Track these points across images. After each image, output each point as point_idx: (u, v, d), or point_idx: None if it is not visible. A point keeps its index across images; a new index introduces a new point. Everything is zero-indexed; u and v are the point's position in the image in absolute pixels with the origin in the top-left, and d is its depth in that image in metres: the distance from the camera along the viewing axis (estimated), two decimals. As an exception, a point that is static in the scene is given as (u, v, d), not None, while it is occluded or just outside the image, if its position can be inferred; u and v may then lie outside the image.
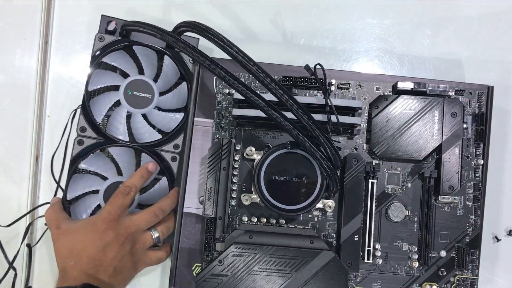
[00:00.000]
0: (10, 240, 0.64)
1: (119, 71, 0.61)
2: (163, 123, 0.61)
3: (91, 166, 0.60)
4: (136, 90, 0.60)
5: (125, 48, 0.61)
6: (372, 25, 0.66)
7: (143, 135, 0.61)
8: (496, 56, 0.65)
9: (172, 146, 0.61)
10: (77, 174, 0.60)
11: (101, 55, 0.60)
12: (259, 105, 0.50)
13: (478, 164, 0.59)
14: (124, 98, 0.59)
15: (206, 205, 0.57)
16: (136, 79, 0.60)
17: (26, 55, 0.66)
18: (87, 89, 0.60)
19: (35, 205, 0.64)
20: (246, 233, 0.56)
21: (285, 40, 0.66)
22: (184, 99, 0.61)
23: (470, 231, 0.58)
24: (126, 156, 0.61)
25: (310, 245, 0.56)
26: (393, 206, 0.59)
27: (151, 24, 0.55)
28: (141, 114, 0.60)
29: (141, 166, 0.60)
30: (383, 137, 0.58)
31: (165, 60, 0.61)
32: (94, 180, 0.60)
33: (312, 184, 0.55)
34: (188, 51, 0.51)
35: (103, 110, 0.60)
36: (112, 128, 0.60)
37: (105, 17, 0.62)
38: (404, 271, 0.58)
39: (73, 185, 0.60)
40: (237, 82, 0.50)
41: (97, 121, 0.60)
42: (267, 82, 0.49)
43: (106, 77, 0.61)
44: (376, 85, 0.60)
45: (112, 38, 0.61)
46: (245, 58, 0.49)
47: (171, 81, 0.62)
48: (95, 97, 0.61)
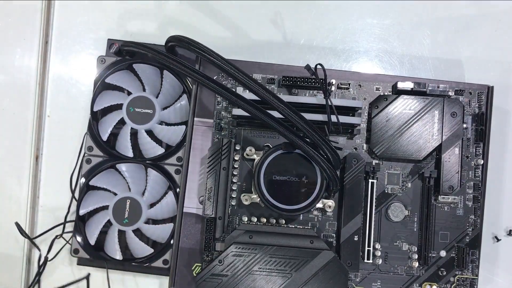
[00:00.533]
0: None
1: (123, 90, 0.63)
2: (168, 137, 0.62)
3: (100, 182, 0.62)
4: (137, 106, 0.61)
5: (128, 67, 0.63)
6: (372, 25, 0.66)
7: (148, 150, 0.62)
8: (496, 56, 0.65)
9: (175, 159, 0.62)
10: (88, 191, 0.62)
11: (103, 77, 0.62)
12: (259, 116, 0.50)
13: (478, 164, 0.59)
14: (127, 116, 0.61)
15: (206, 205, 0.57)
16: (137, 96, 0.61)
17: (26, 55, 0.66)
18: (92, 110, 0.62)
19: (35, 205, 0.65)
20: (246, 233, 0.56)
21: (285, 40, 0.66)
22: (185, 112, 0.62)
23: (470, 231, 0.58)
24: (134, 172, 0.62)
25: (310, 245, 0.56)
26: (393, 206, 0.59)
27: (142, 43, 0.56)
28: (145, 129, 0.62)
29: (147, 181, 0.62)
30: (383, 137, 0.58)
31: (165, 75, 0.62)
32: (104, 196, 0.62)
33: (312, 184, 0.55)
34: (177, 66, 0.52)
35: (108, 128, 0.62)
36: (119, 145, 0.62)
37: (110, 40, 0.64)
38: (404, 271, 0.58)
39: (85, 202, 0.62)
40: (226, 91, 0.51)
41: (103, 140, 0.62)
42: (262, 93, 0.50)
43: (109, 97, 0.62)
44: (376, 85, 0.60)
45: (112, 59, 0.63)
46: (234, 70, 0.50)
47: (173, 96, 0.63)
48: (102, 118, 0.63)
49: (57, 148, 0.66)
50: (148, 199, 0.61)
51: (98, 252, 0.61)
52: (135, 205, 0.60)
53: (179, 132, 0.62)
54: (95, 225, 0.61)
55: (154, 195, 0.62)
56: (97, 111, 0.63)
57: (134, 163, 0.62)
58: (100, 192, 0.62)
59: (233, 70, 0.50)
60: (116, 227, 0.60)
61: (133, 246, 0.61)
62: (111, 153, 0.62)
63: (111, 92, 0.63)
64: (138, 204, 0.60)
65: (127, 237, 0.61)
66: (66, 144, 0.65)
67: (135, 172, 0.63)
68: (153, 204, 0.62)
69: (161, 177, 0.61)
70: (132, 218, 0.60)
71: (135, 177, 0.62)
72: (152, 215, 0.61)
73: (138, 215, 0.60)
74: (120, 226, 0.60)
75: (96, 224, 0.61)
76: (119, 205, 0.60)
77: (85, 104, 0.65)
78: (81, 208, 0.61)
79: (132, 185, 0.62)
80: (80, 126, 0.65)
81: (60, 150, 0.65)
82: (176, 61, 0.52)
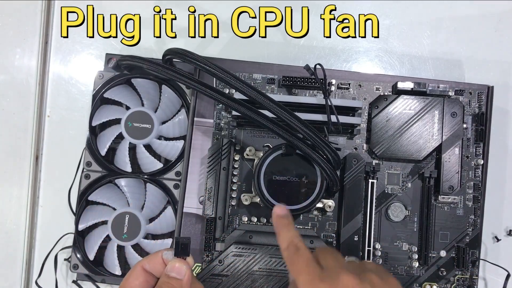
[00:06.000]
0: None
1: (121, 104, 0.63)
2: (166, 151, 0.62)
3: (99, 197, 0.62)
4: (136, 121, 0.61)
5: (126, 82, 0.63)
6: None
7: (147, 165, 0.62)
8: (496, 56, 0.65)
9: (173, 173, 0.62)
10: (87, 206, 0.62)
11: (102, 92, 0.62)
12: (261, 121, 0.50)
13: (478, 164, 0.59)
14: (125, 130, 0.61)
15: (206, 205, 0.57)
16: (135, 111, 0.61)
17: (26, 55, 0.66)
18: (90, 125, 0.62)
19: (35, 205, 0.65)
20: (246, 233, 0.56)
21: (285, 40, 0.66)
22: (184, 126, 0.62)
23: (470, 231, 0.58)
24: (133, 187, 0.62)
25: (310, 245, 0.56)
26: (393, 206, 0.59)
27: (138, 56, 0.55)
28: (143, 144, 0.61)
29: (146, 196, 0.61)
30: (383, 137, 0.58)
31: (163, 90, 0.62)
32: (103, 211, 0.62)
33: (312, 184, 0.55)
34: (173, 75, 0.52)
35: (107, 143, 0.62)
36: (118, 160, 0.62)
37: (108, 55, 0.63)
38: (404, 271, 0.58)
39: (84, 216, 0.62)
40: (226, 98, 0.51)
41: (102, 155, 0.62)
42: (262, 100, 0.50)
43: (108, 111, 0.62)
44: (376, 85, 0.60)
45: (110, 74, 0.62)
46: (231, 78, 0.50)
47: (172, 110, 0.63)
48: (101, 132, 0.63)
49: (57, 148, 0.66)
50: (147, 214, 0.61)
51: (97, 267, 0.61)
52: (134, 220, 0.60)
53: (178, 146, 0.62)
54: (94, 240, 0.61)
55: (153, 210, 0.62)
56: (95, 126, 0.62)
57: (133, 178, 0.62)
58: (99, 207, 0.62)
59: (230, 79, 0.50)
60: (115, 242, 0.60)
61: (133, 262, 0.61)
62: (110, 168, 0.62)
63: (110, 106, 0.63)
64: (137, 219, 0.60)
65: (126, 252, 0.61)
66: (66, 144, 0.65)
67: (134, 187, 0.62)
68: (152, 219, 0.62)
69: (160, 192, 0.61)
70: (131, 233, 0.60)
71: (134, 192, 0.62)
72: (151, 230, 0.61)
73: (137, 230, 0.60)
74: (119, 242, 0.60)
75: (95, 239, 0.61)
76: (118, 220, 0.60)
77: (85, 104, 0.65)
78: (80, 223, 0.61)
79: (131, 200, 0.62)
80: (80, 126, 0.65)
81: (60, 150, 0.65)
82: (171, 70, 0.52)
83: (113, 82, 0.62)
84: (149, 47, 0.66)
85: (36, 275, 0.63)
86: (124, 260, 0.61)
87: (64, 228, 0.63)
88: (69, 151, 0.64)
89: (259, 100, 0.50)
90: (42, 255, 0.64)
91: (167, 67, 0.52)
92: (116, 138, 0.62)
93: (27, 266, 0.65)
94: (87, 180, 0.62)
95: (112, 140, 0.62)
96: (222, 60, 0.61)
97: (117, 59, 0.60)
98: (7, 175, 0.65)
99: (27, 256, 0.64)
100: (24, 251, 0.64)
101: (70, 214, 0.64)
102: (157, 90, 0.63)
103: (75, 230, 0.61)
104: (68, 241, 0.63)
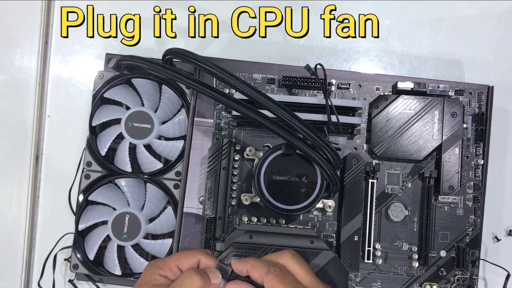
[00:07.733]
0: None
1: (121, 104, 0.63)
2: (166, 151, 0.62)
3: (99, 197, 0.62)
4: (136, 121, 0.61)
5: (126, 82, 0.63)
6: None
7: (147, 164, 0.62)
8: (496, 56, 0.65)
9: (173, 173, 0.62)
10: (87, 206, 0.62)
11: (102, 92, 0.62)
12: (261, 121, 0.50)
13: (478, 164, 0.59)
14: (126, 130, 0.61)
15: (206, 205, 0.57)
16: (135, 111, 0.61)
17: (26, 55, 0.66)
18: (90, 125, 0.62)
19: (35, 205, 0.65)
20: (246, 233, 0.56)
21: (285, 40, 0.66)
22: (184, 126, 0.62)
23: (470, 231, 0.58)
24: (133, 187, 0.62)
25: (310, 245, 0.56)
26: (393, 206, 0.59)
27: (138, 56, 0.55)
28: (143, 144, 0.61)
29: (146, 196, 0.61)
30: (383, 137, 0.58)
31: (163, 89, 0.62)
32: (103, 211, 0.62)
33: (312, 184, 0.55)
34: (172, 75, 0.52)
35: (107, 143, 0.62)
36: (118, 160, 0.62)
37: (108, 55, 0.63)
38: (404, 271, 0.58)
39: (84, 216, 0.62)
40: (226, 98, 0.51)
41: (102, 155, 0.62)
42: (262, 100, 0.50)
43: (108, 111, 0.62)
44: (376, 85, 0.60)
45: (111, 74, 0.62)
46: (232, 78, 0.50)
47: (172, 110, 0.63)
48: (101, 132, 0.63)
49: (57, 148, 0.66)
50: (147, 214, 0.61)
51: (97, 267, 0.61)
52: (134, 220, 0.60)
53: (178, 146, 0.62)
54: (94, 240, 0.61)
55: (153, 210, 0.62)
56: (95, 126, 0.62)
57: (133, 178, 0.62)
58: (99, 207, 0.62)
59: (230, 79, 0.50)
60: (115, 242, 0.60)
61: (133, 262, 0.61)
62: (110, 168, 0.62)
63: (110, 106, 0.63)
64: (137, 219, 0.60)
65: (126, 252, 0.61)
66: (66, 144, 0.65)
67: (135, 187, 0.62)
68: (152, 219, 0.62)
69: (160, 192, 0.61)
70: (131, 233, 0.60)
71: (134, 192, 0.62)
72: (151, 230, 0.61)
73: (137, 230, 0.60)
74: (119, 242, 0.60)
75: (95, 239, 0.61)
76: (118, 220, 0.60)
77: (85, 104, 0.65)
78: (80, 223, 0.61)
79: (132, 200, 0.62)
80: (80, 126, 0.65)
81: (60, 150, 0.65)
82: (171, 70, 0.52)
83: (113, 82, 0.62)
84: (149, 47, 0.66)
85: (36, 275, 0.63)
86: (124, 260, 0.61)
87: (64, 228, 0.63)
88: (69, 151, 0.64)
89: (259, 100, 0.50)
90: (42, 255, 0.64)
91: (167, 67, 0.52)
92: (116, 138, 0.62)
93: (27, 266, 0.65)
94: (87, 180, 0.62)
95: (112, 140, 0.62)
96: (222, 60, 0.61)
97: (117, 59, 0.60)
98: (7, 175, 0.65)
99: (27, 256, 0.64)
100: (24, 251, 0.64)
101: (70, 214, 0.64)
102: (157, 90, 0.63)
103: (75, 230, 0.61)
104: (68, 241, 0.63)
